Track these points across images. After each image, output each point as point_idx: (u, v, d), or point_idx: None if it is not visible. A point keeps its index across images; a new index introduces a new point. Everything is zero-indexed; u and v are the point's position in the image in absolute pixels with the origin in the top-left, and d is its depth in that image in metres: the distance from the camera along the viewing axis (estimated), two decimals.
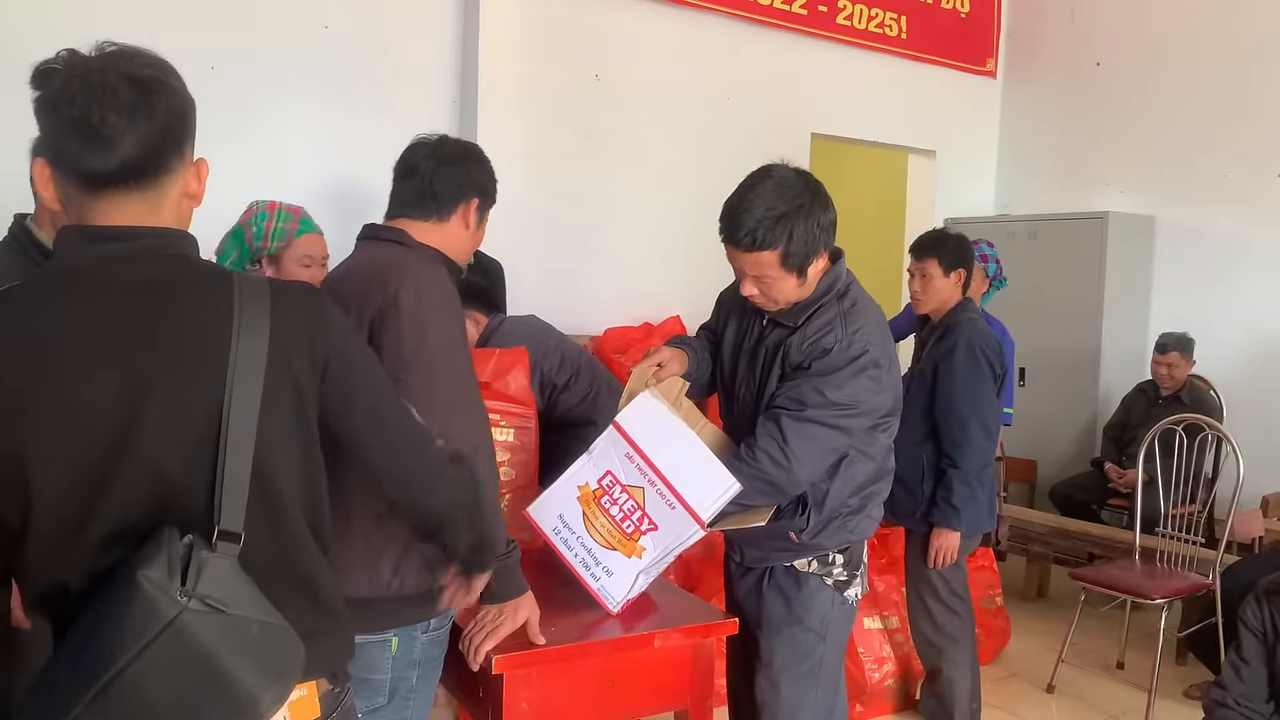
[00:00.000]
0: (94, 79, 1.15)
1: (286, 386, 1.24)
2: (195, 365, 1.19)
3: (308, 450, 1.29)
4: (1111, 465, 5.29)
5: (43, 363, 1.14)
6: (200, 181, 1.28)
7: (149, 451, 1.16)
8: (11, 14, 3.62)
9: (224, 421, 1.18)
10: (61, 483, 1.14)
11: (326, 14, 4.28)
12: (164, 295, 1.20)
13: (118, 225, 1.20)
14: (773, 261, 2.09)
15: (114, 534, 1.16)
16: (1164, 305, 5.94)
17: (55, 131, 1.16)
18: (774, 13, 5.51)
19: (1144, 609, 4.27)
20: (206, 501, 1.18)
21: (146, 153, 1.18)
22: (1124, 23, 6.04)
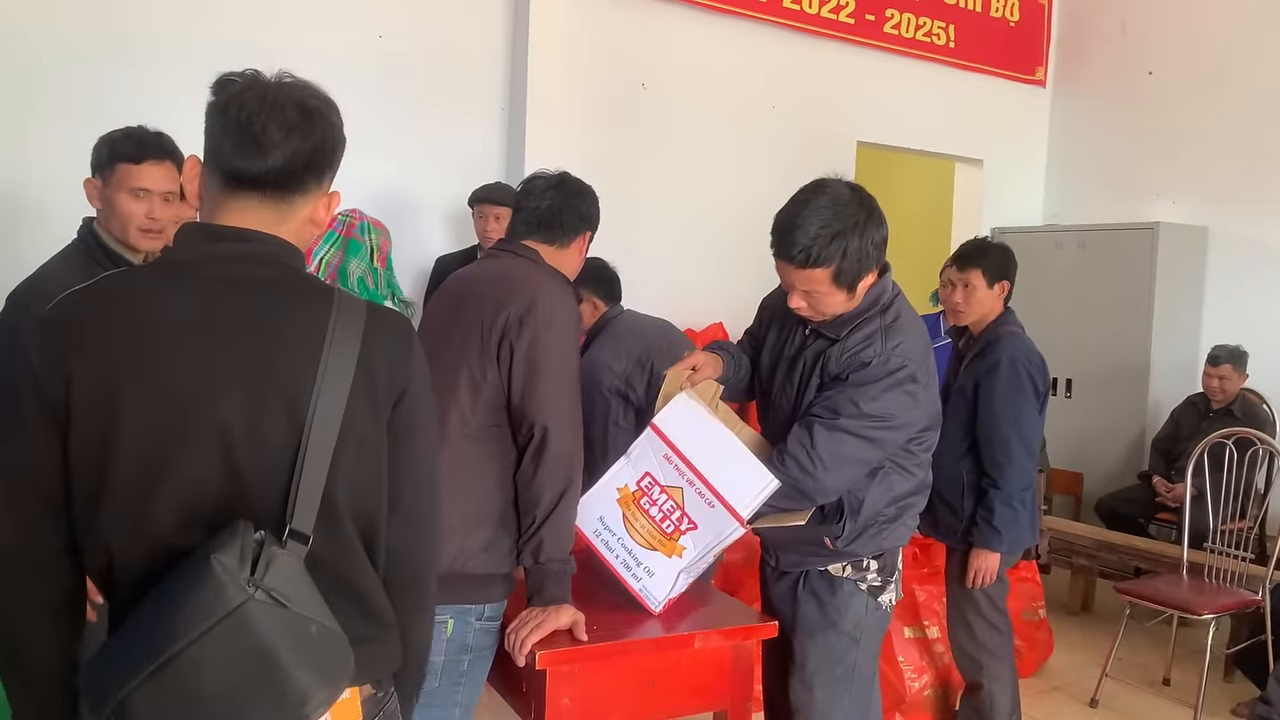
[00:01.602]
0: (268, 95, 1.25)
1: (365, 404, 1.28)
2: (286, 367, 1.24)
3: (375, 468, 1.32)
4: (1160, 479, 5.22)
5: (140, 344, 1.21)
6: (329, 211, 1.35)
7: (229, 442, 1.21)
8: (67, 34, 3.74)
9: (307, 426, 1.23)
10: (141, 460, 1.19)
11: (382, 23, 4.38)
12: (267, 295, 1.26)
13: (238, 227, 1.28)
14: (825, 278, 2.10)
15: (186, 518, 1.20)
16: (1216, 317, 5.85)
17: (218, 131, 1.26)
18: (821, 21, 5.53)
19: (1191, 625, 4.21)
20: (279, 501, 1.22)
21: (290, 168, 1.26)
22: (1176, 32, 5.96)
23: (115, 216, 2.23)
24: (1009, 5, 6.32)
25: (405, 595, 1.39)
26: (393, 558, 1.38)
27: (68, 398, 1.20)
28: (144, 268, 1.33)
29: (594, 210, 2.30)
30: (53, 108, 3.67)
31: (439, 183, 4.51)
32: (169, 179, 2.27)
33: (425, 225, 4.55)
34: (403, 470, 1.36)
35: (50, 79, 3.69)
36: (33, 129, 3.65)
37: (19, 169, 3.64)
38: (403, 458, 1.36)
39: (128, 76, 3.78)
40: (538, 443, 1.99)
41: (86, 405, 1.20)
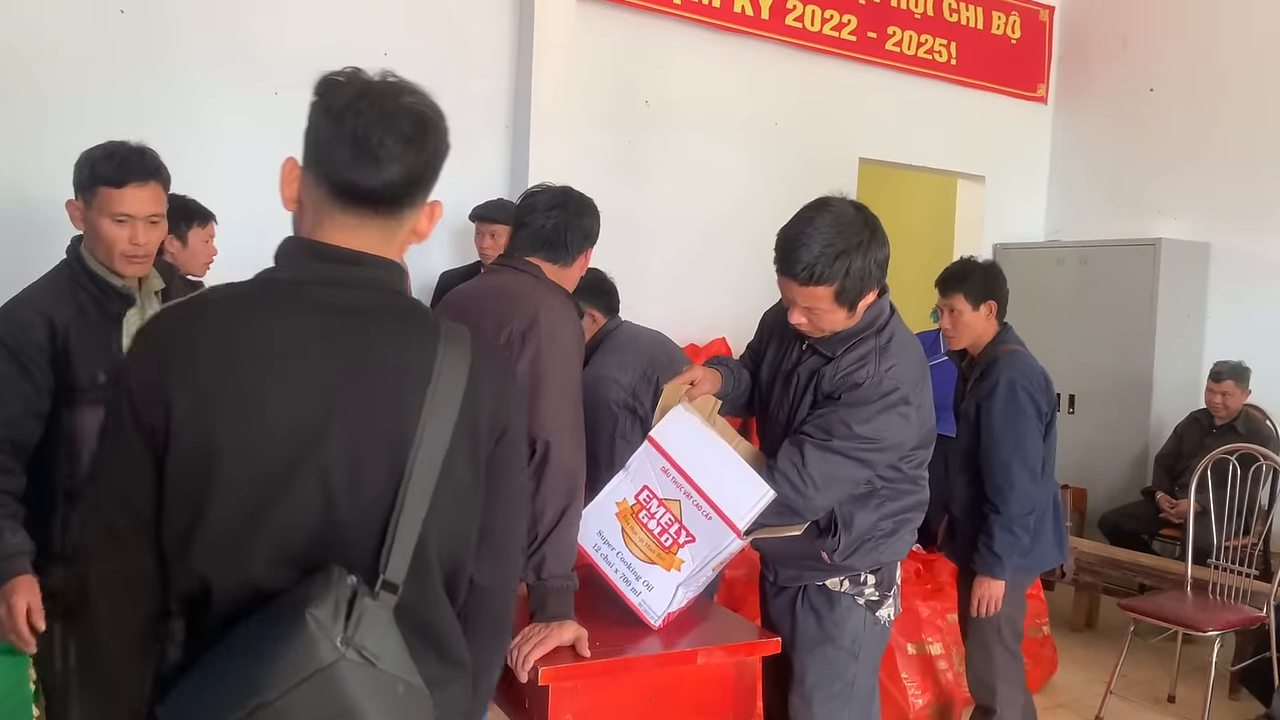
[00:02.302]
0: (384, 103, 1.19)
1: (467, 443, 1.23)
2: (391, 401, 1.19)
3: (469, 511, 1.28)
4: (1163, 495, 5.21)
5: (240, 367, 1.16)
6: (431, 222, 1.30)
7: (327, 476, 1.16)
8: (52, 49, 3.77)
9: (409, 469, 1.18)
10: (237, 487, 1.15)
11: (386, 40, 4.41)
12: (374, 326, 1.21)
13: (345, 247, 1.22)
14: (827, 296, 2.11)
15: (279, 557, 1.16)
16: (1219, 333, 5.85)
17: (330, 139, 1.19)
18: (824, 39, 5.56)
19: (1195, 641, 4.20)
20: (372, 545, 1.17)
21: (405, 183, 1.21)
22: (1177, 49, 5.99)
23: (98, 241, 2.15)
24: (1010, 23, 6.36)
25: (488, 634, 1.36)
26: (478, 596, 1.34)
27: (167, 424, 1.15)
28: (247, 285, 1.25)
29: (596, 226, 2.32)
30: (52, 119, 3.70)
31: (443, 198, 4.49)
32: (153, 201, 2.17)
33: (429, 240, 4.56)
34: (495, 507, 1.32)
35: (54, 91, 3.71)
36: (33, 141, 3.68)
37: (30, 182, 3.66)
38: (496, 494, 1.31)
39: (132, 90, 3.80)
40: (539, 458, 2.00)
41: (185, 433, 1.15)
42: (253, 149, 3.87)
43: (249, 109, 3.95)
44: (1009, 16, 6.34)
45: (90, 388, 2.11)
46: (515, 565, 1.40)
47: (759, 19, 5.32)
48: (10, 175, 3.63)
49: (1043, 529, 3.19)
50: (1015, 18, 6.37)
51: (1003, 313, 3.25)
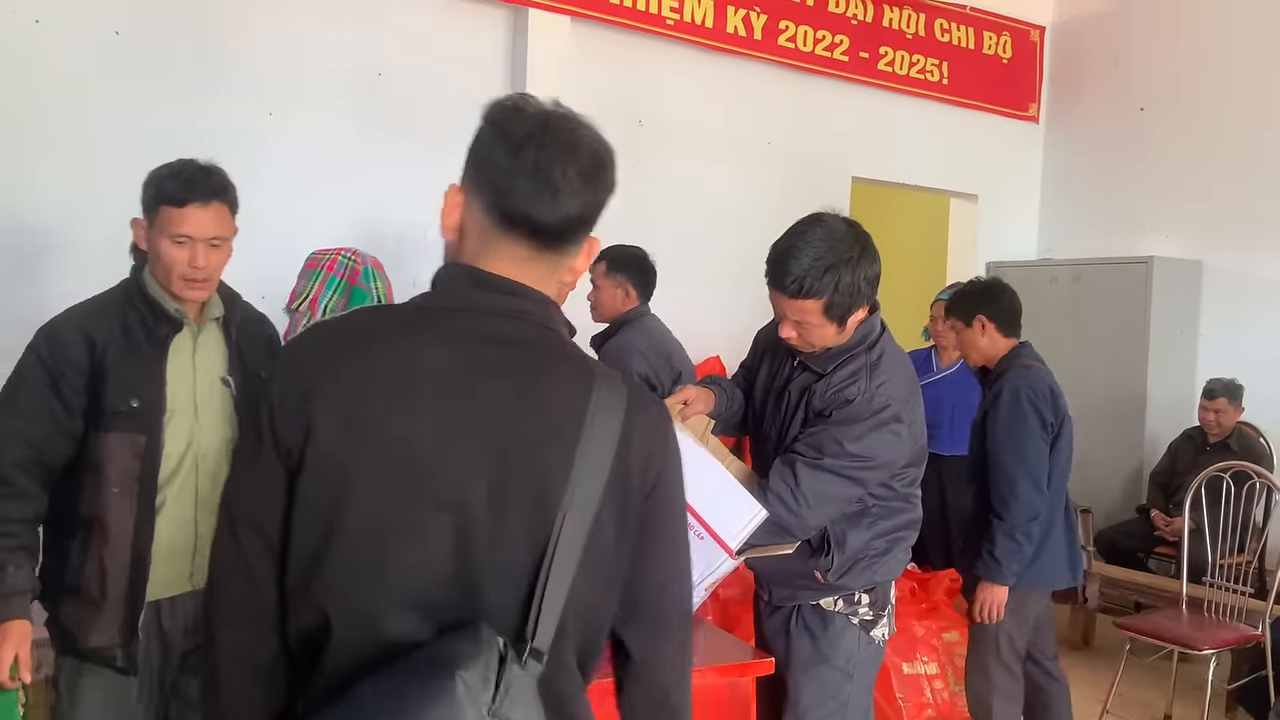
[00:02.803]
0: (568, 137, 1.15)
1: (617, 499, 1.14)
2: (541, 449, 1.11)
3: (612, 575, 1.18)
4: (1158, 513, 5.21)
5: (386, 394, 1.10)
6: (588, 260, 1.24)
7: (466, 520, 1.09)
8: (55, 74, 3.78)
9: (558, 524, 1.09)
10: (368, 520, 1.08)
11: (380, 62, 4.43)
12: (529, 362, 1.14)
13: (504, 277, 1.16)
14: (815, 310, 2.12)
15: (407, 603, 1.08)
16: (1212, 351, 5.86)
17: (507, 168, 1.13)
18: (816, 59, 5.59)
19: (1192, 660, 4.19)
20: (514, 606, 1.09)
21: (579, 220, 1.16)
22: (1167, 67, 6.03)
23: (158, 262, 2.07)
24: (1002, 43, 6.40)
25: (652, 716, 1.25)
26: (635, 672, 1.23)
27: (304, 446, 1.10)
28: (401, 309, 1.20)
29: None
30: (47, 142, 3.70)
31: (437, 219, 4.53)
32: (217, 223, 2.07)
33: (424, 263, 4.55)
34: (648, 568, 1.21)
35: (49, 113, 3.72)
36: (27, 164, 3.68)
37: (24, 206, 3.66)
38: (650, 555, 1.20)
39: (127, 112, 3.81)
40: None
41: (322, 458, 1.09)
42: (248, 170, 3.88)
43: (244, 130, 3.96)
44: (1000, 36, 6.39)
45: (122, 412, 2.03)
46: (678, 635, 1.27)
47: (752, 39, 5.35)
48: (4, 199, 3.63)
49: (1050, 544, 3.19)
50: (1006, 38, 6.42)
51: (1008, 326, 3.28)
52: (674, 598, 1.27)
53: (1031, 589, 3.19)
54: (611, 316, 3.55)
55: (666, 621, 1.26)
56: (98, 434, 2.03)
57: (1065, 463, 3.24)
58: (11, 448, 2.00)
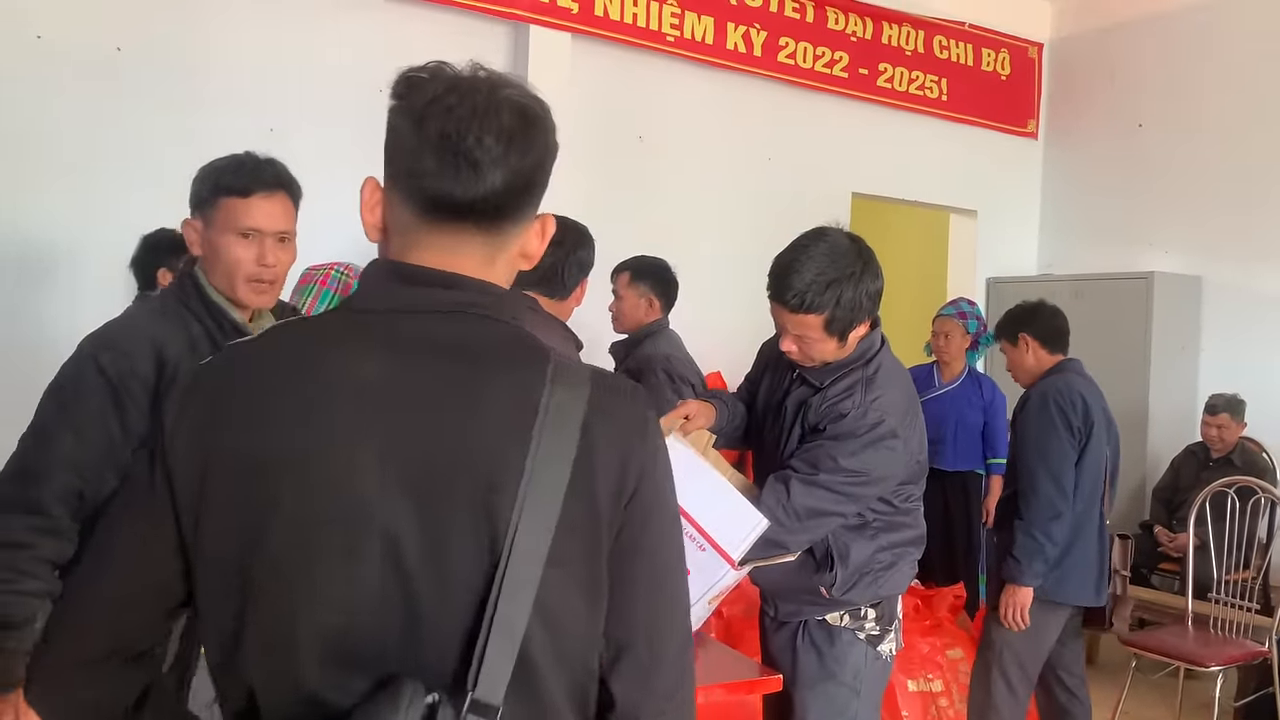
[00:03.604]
0: (476, 96, 0.96)
1: (583, 512, 0.96)
2: (483, 462, 0.94)
3: (591, 600, 0.99)
4: (1161, 528, 5.19)
5: (300, 419, 0.94)
6: (542, 241, 1.06)
7: (398, 560, 0.92)
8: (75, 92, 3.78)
9: (506, 547, 0.92)
10: (285, 574, 0.92)
11: (383, 78, 4.42)
12: (467, 363, 0.97)
13: (439, 270, 0.99)
14: (816, 325, 2.11)
15: (334, 657, 0.92)
16: (1213, 366, 5.85)
17: (412, 145, 0.97)
18: (816, 76, 5.61)
19: (1198, 677, 4.16)
20: (458, 649, 0.92)
21: (510, 191, 0.98)
22: (1165, 83, 6.05)
23: (219, 264, 1.82)
24: (1000, 59, 6.43)
25: None
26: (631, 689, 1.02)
27: (202, 484, 0.94)
28: (322, 318, 1.05)
29: (592, 255, 2.33)
30: (50, 159, 3.70)
31: None
32: (284, 216, 1.85)
33: None
34: (633, 599, 1.01)
35: (53, 130, 3.72)
36: (31, 181, 3.68)
37: (29, 223, 3.66)
38: (633, 581, 1.01)
39: (129, 127, 3.81)
40: None
41: (225, 505, 0.94)
42: None
43: (245, 145, 3.93)
44: (999, 53, 6.41)
45: None
46: (670, 680, 1.05)
47: (751, 56, 5.36)
48: (6, 215, 3.62)
49: (1076, 557, 3.19)
50: (1005, 54, 6.44)
51: (1052, 343, 3.34)
52: (673, 635, 1.06)
53: (1052, 608, 3.17)
54: (634, 327, 3.59)
55: (660, 667, 1.04)
56: None
57: (1095, 477, 3.24)
58: (57, 473, 1.71)
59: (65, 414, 1.74)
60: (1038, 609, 3.13)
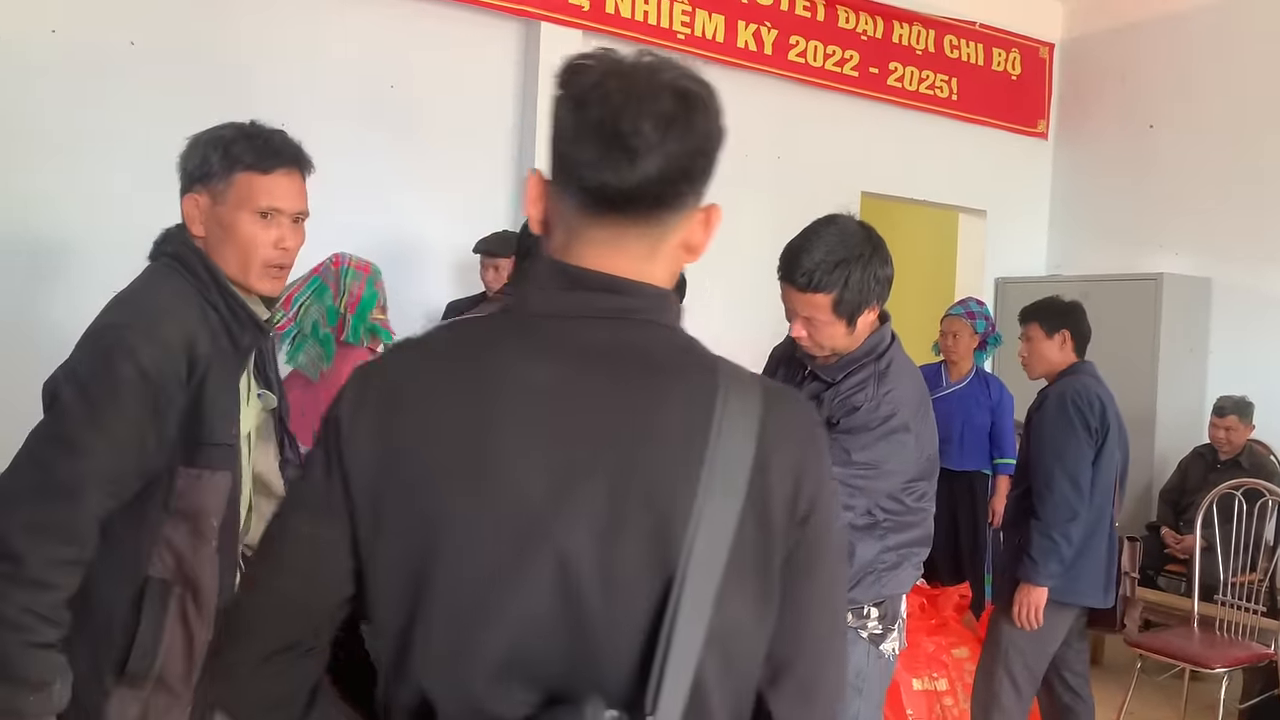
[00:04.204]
0: (636, 81, 0.93)
1: (756, 531, 0.93)
2: (656, 477, 0.92)
3: (758, 618, 0.96)
4: (1168, 530, 5.18)
5: (473, 424, 0.92)
6: (708, 233, 1.03)
7: (568, 566, 0.90)
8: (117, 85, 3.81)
9: (682, 565, 0.89)
10: (461, 573, 0.91)
11: (393, 74, 4.45)
12: (638, 373, 0.95)
13: (601, 272, 0.96)
14: (825, 305, 2.12)
15: (507, 672, 0.91)
16: (1221, 368, 5.84)
17: (573, 134, 0.94)
18: (826, 74, 5.60)
19: (1203, 678, 4.16)
20: (630, 669, 0.90)
21: (668, 178, 0.94)
22: (1177, 84, 6.04)
23: (231, 245, 1.66)
24: (1011, 59, 6.42)
25: None
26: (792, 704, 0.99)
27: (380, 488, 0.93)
28: (486, 321, 1.02)
29: None
30: (63, 156, 3.72)
31: (448, 230, 4.55)
32: (303, 195, 1.72)
33: (433, 272, 4.58)
34: (800, 619, 0.99)
35: (64, 126, 3.74)
36: (43, 178, 3.70)
37: (40, 220, 3.68)
38: (802, 600, 0.98)
39: (141, 123, 3.83)
40: None
41: (405, 506, 0.93)
42: None
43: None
44: (1009, 53, 6.40)
45: (227, 445, 1.63)
46: (832, 699, 1.04)
47: (762, 54, 5.36)
48: (21, 214, 3.64)
49: (1086, 558, 3.20)
50: (1016, 54, 6.43)
51: (1082, 347, 3.35)
52: (834, 655, 1.04)
53: (1060, 608, 3.18)
54: None
55: (822, 692, 1.02)
56: (191, 472, 1.59)
57: (1109, 479, 3.25)
58: (93, 492, 1.50)
59: (99, 419, 1.52)
60: (1046, 609, 3.14)
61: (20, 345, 3.31)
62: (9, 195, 3.64)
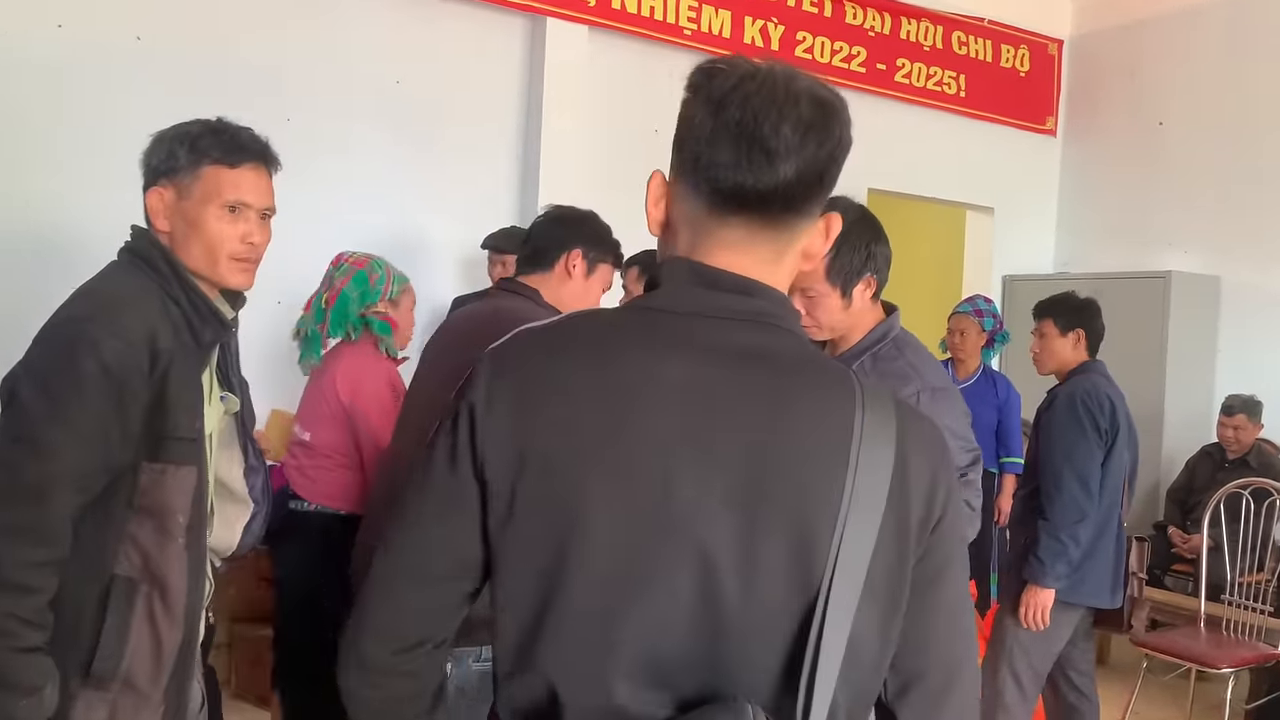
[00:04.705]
0: (775, 85, 0.94)
1: (893, 542, 0.93)
2: (802, 480, 0.91)
3: (885, 626, 0.95)
4: (1175, 529, 5.16)
5: (609, 416, 0.92)
6: (827, 240, 1.02)
7: (712, 577, 0.90)
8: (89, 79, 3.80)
9: (828, 575, 0.89)
10: (598, 566, 0.91)
11: (399, 69, 4.45)
12: (776, 376, 0.94)
13: (735, 274, 0.97)
14: (819, 273, 2.09)
15: (641, 670, 0.90)
16: (1230, 367, 5.81)
17: (707, 134, 0.94)
18: (832, 70, 5.58)
19: (1209, 679, 4.14)
20: (771, 675, 0.90)
21: (804, 183, 0.95)
22: (1186, 81, 6.00)
23: (197, 240, 1.63)
24: (1019, 55, 6.39)
25: None
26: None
27: (516, 481, 0.92)
28: (618, 315, 1.02)
29: (576, 233, 2.26)
30: (70, 152, 3.72)
31: (453, 226, 4.55)
32: (270, 190, 1.71)
33: (439, 268, 4.58)
34: (930, 628, 0.98)
35: (72, 122, 3.74)
36: (52, 173, 3.70)
37: (48, 215, 3.68)
38: (931, 609, 0.98)
39: (148, 116, 3.82)
40: None
41: (542, 495, 0.92)
42: None
43: (261, 135, 3.97)
44: (1018, 49, 6.38)
45: (190, 440, 1.60)
46: (965, 712, 1.02)
47: (769, 50, 5.34)
48: (24, 211, 3.65)
49: (1094, 558, 3.18)
50: (1024, 50, 6.40)
51: (1094, 346, 3.33)
52: (967, 663, 1.02)
53: (1067, 609, 3.17)
54: None
55: (956, 696, 1.00)
56: (155, 467, 1.56)
57: (1117, 480, 3.24)
58: (61, 491, 1.47)
59: (62, 414, 1.49)
60: (1053, 609, 3.12)
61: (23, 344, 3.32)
62: (12, 193, 3.65)
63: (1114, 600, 3.25)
